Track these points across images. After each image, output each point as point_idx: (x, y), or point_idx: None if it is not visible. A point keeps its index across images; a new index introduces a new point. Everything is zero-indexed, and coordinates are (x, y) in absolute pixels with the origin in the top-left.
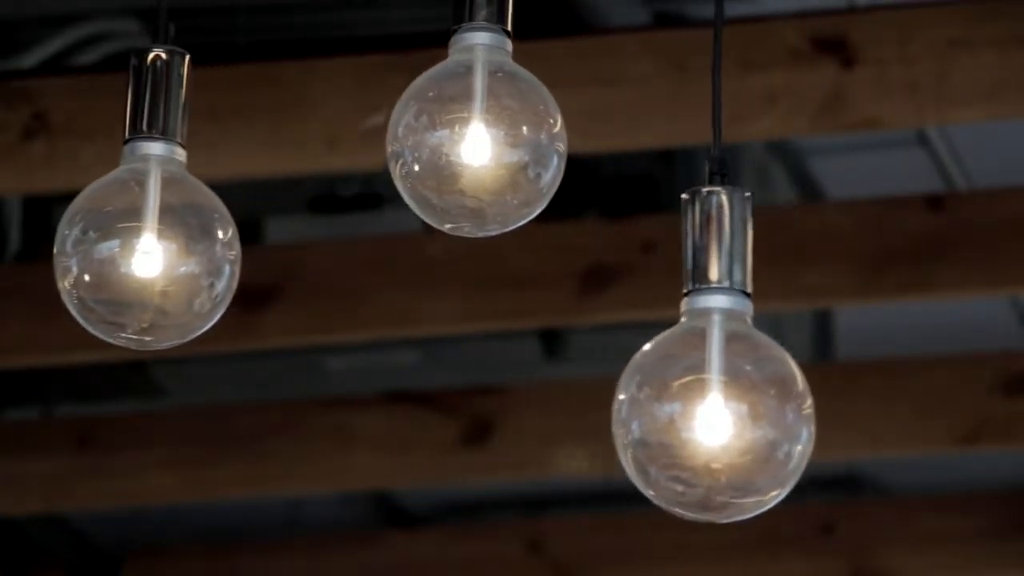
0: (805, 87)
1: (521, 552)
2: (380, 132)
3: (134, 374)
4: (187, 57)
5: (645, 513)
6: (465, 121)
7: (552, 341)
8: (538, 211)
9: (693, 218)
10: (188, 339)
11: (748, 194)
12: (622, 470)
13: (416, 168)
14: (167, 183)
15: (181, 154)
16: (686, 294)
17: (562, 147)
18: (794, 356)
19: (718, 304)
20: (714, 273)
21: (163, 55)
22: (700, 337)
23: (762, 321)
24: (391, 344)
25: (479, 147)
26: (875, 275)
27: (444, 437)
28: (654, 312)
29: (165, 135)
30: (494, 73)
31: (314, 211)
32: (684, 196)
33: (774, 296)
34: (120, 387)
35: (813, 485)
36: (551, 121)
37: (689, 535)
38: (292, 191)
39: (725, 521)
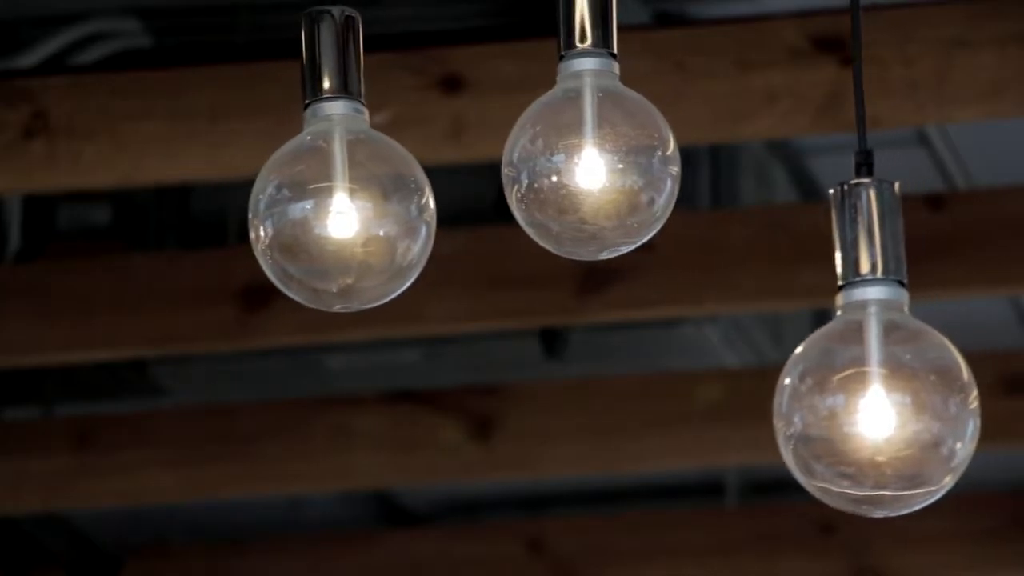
0: (805, 87)
1: (521, 552)
2: (382, 131)
3: (134, 374)
4: (359, 17)
5: (645, 513)
6: (579, 147)
7: (552, 341)
8: (651, 235)
9: (843, 212)
10: (385, 300)
11: (896, 184)
12: (622, 469)
13: (533, 194)
14: (354, 143)
15: (365, 112)
16: (840, 288)
17: (676, 171)
18: None
19: (873, 295)
20: (866, 265)
21: (337, 15)
22: (858, 330)
23: (762, 321)
24: (391, 343)
25: (594, 173)
26: None
27: (444, 437)
28: (654, 311)
29: (347, 94)
30: (603, 98)
31: None
32: (831, 191)
33: (774, 296)
34: (120, 387)
35: None
36: (664, 145)
37: (689, 535)
38: None
39: (894, 514)
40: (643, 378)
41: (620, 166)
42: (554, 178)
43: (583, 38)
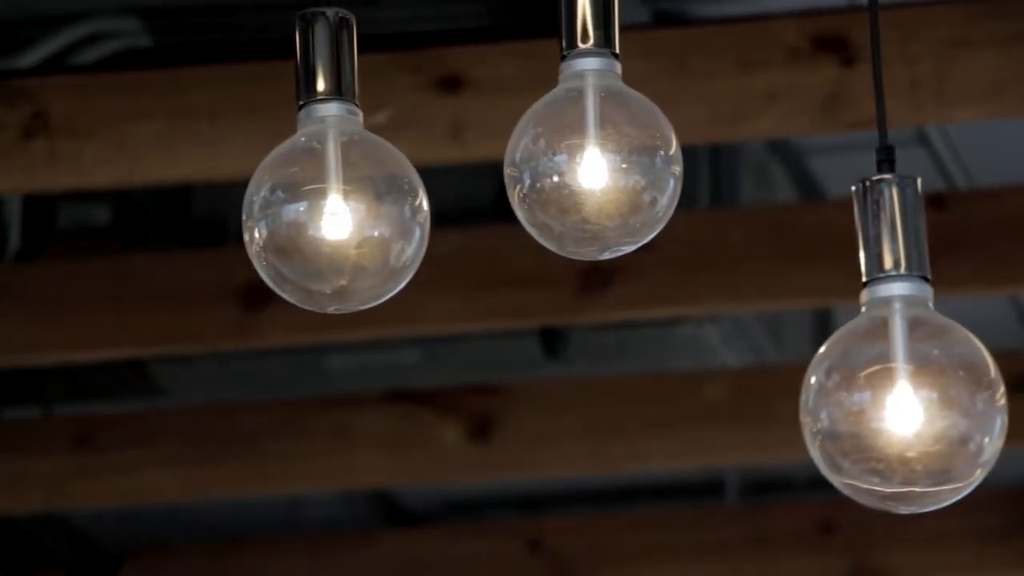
0: (805, 87)
1: (521, 551)
2: (381, 131)
3: (134, 374)
4: (353, 19)
5: (645, 513)
6: (581, 147)
7: (552, 341)
8: (653, 235)
9: (865, 208)
10: (379, 301)
11: (918, 180)
12: (622, 469)
13: (536, 194)
14: (348, 145)
15: (359, 114)
16: (865, 284)
17: (678, 170)
18: (794, 356)
19: (897, 291)
20: (889, 261)
21: (332, 16)
22: (883, 326)
23: (762, 321)
24: (391, 343)
25: (596, 173)
26: None
27: (444, 437)
28: (654, 311)
29: (341, 96)
30: (606, 98)
31: None
32: (854, 187)
33: (774, 296)
34: (120, 387)
35: (814, 484)
36: (666, 145)
37: (689, 534)
38: None
39: (922, 511)
40: (643, 378)
41: (623, 166)
42: (556, 178)
43: (585, 38)
